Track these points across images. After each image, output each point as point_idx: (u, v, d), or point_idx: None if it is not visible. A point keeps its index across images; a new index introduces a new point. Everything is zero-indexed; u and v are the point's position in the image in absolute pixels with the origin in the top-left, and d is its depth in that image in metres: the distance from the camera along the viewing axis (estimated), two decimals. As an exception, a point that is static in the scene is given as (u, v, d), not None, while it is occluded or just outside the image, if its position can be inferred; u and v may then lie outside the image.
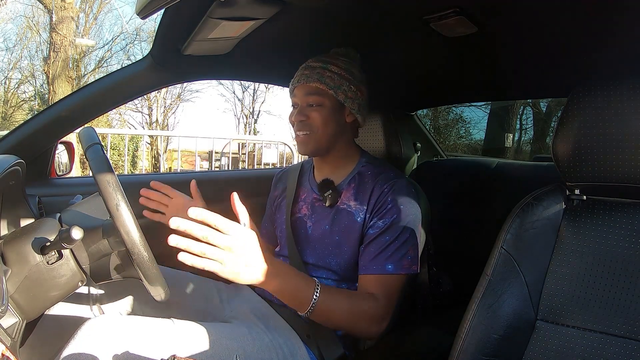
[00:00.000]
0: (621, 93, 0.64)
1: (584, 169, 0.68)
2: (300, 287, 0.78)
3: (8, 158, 0.80)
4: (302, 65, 0.99)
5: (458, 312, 0.76)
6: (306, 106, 0.97)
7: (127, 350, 0.68)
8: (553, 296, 0.69)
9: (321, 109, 0.96)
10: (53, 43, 7.11)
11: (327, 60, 0.97)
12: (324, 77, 0.95)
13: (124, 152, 5.26)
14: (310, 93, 0.96)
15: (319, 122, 0.95)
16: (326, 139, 0.97)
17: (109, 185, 0.63)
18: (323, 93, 0.95)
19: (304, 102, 0.97)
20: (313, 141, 0.97)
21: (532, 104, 3.57)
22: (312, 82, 0.95)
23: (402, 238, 0.89)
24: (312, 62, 0.98)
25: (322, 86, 0.94)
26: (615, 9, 0.73)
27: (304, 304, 0.78)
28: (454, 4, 0.78)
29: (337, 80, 0.95)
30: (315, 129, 0.96)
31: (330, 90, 0.94)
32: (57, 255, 0.70)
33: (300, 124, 0.97)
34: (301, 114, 0.97)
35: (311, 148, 0.98)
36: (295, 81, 0.99)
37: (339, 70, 0.96)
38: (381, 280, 0.88)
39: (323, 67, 0.96)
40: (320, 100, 0.95)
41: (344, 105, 0.97)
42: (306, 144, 0.97)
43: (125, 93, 1.19)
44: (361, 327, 0.85)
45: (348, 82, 0.96)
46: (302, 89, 0.97)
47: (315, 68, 0.96)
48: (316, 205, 1.01)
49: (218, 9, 0.80)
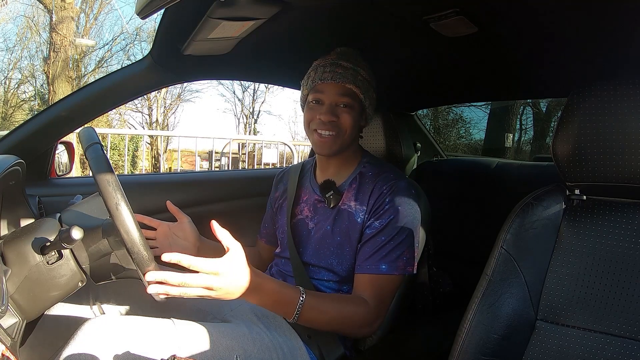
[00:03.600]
0: (621, 93, 0.64)
1: (584, 169, 0.68)
2: (283, 299, 0.79)
3: (8, 158, 0.80)
4: (329, 62, 0.95)
5: (458, 312, 0.76)
6: (335, 106, 0.94)
7: (128, 350, 0.68)
8: (553, 296, 0.69)
9: (351, 111, 0.94)
10: (53, 43, 7.11)
11: (355, 61, 0.96)
12: (357, 80, 0.94)
13: (124, 152, 5.26)
14: (343, 93, 0.93)
15: (348, 124, 0.94)
16: (349, 141, 0.97)
17: (109, 185, 0.63)
18: (355, 96, 0.94)
19: (334, 100, 0.94)
20: (339, 143, 0.95)
21: (532, 104, 3.57)
22: (348, 84, 0.93)
23: (398, 239, 0.89)
24: (341, 60, 0.95)
25: (356, 89, 0.93)
26: (615, 9, 0.73)
27: (290, 312, 0.80)
28: (454, 4, 0.78)
29: (366, 86, 0.96)
30: (343, 130, 0.94)
31: (361, 95, 0.94)
32: (57, 255, 0.70)
33: (329, 124, 0.93)
34: (332, 113, 0.93)
35: (335, 149, 0.95)
36: (325, 77, 0.93)
37: (366, 75, 0.96)
38: (374, 280, 0.88)
39: (355, 70, 0.94)
40: (352, 103, 0.94)
41: (367, 110, 0.98)
42: (331, 145, 0.94)
43: (125, 93, 1.19)
44: (351, 330, 0.87)
45: (372, 89, 0.98)
46: (334, 88, 0.93)
47: (347, 69, 0.94)
48: (318, 206, 1.01)
49: (218, 9, 0.80)
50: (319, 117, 0.94)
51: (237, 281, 0.70)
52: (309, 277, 0.97)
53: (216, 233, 0.70)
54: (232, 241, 0.70)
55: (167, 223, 1.01)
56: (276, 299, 0.78)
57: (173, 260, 0.65)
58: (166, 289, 0.65)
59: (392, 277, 0.89)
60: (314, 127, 0.95)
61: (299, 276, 0.97)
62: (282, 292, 0.79)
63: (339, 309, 0.84)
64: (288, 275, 1.01)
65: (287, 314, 0.80)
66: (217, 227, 0.70)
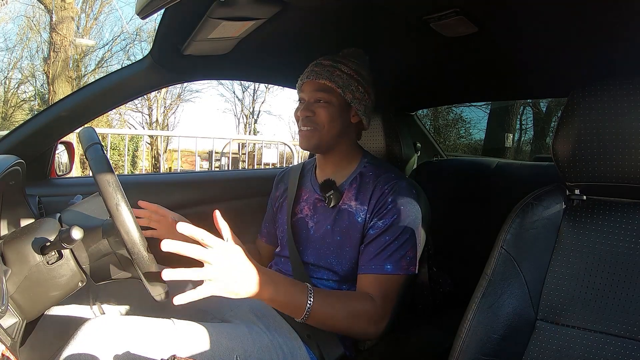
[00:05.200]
0: (621, 93, 0.64)
1: (584, 169, 0.68)
2: (294, 294, 0.77)
3: (8, 158, 0.80)
4: (313, 62, 0.99)
5: (458, 312, 0.76)
6: (313, 102, 0.97)
7: (128, 350, 0.68)
8: (553, 296, 0.69)
9: (328, 106, 0.96)
10: (53, 43, 7.11)
11: (337, 59, 0.98)
12: (334, 75, 0.95)
13: (124, 152, 5.26)
14: (318, 89, 0.96)
15: (324, 118, 0.96)
16: (330, 136, 0.97)
17: (109, 185, 0.63)
18: (331, 91, 0.96)
19: (311, 97, 0.97)
20: (316, 137, 0.97)
21: (532, 104, 3.57)
22: (322, 79, 0.95)
23: (402, 239, 0.89)
24: (323, 59, 0.98)
25: (331, 84, 0.95)
26: (615, 10, 0.73)
27: (299, 310, 0.78)
28: (454, 4, 0.78)
29: (346, 80, 0.96)
30: (320, 125, 0.96)
31: (338, 89, 0.95)
32: (57, 255, 0.70)
33: (305, 119, 0.97)
34: (307, 109, 0.97)
35: (313, 143, 0.97)
36: (304, 77, 0.99)
37: (348, 70, 0.96)
38: (379, 280, 0.88)
39: (333, 66, 0.96)
40: (328, 98, 0.96)
41: (351, 105, 0.98)
42: (309, 138, 0.97)
43: (125, 93, 1.19)
44: (359, 328, 0.85)
45: (357, 83, 0.97)
46: (310, 85, 0.97)
47: (325, 66, 0.97)
48: (318, 205, 1.01)
49: (218, 9, 0.80)
50: (299, 114, 0.99)
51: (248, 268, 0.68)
52: (308, 276, 0.97)
53: (218, 223, 0.68)
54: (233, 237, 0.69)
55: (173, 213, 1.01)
56: (285, 294, 0.76)
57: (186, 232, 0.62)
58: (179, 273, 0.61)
59: (396, 277, 0.89)
60: (298, 125, 1.00)
61: (299, 275, 0.97)
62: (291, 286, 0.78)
63: (347, 304, 0.83)
64: (287, 274, 1.00)
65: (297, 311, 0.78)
66: (220, 218, 0.68)
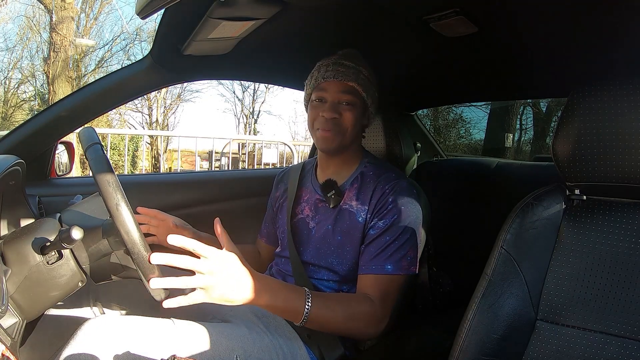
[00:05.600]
0: (621, 93, 0.64)
1: (583, 169, 0.68)
2: (291, 299, 0.77)
3: (8, 158, 0.80)
4: (332, 61, 0.96)
5: (458, 312, 0.76)
6: (338, 103, 0.95)
7: (128, 350, 0.68)
8: (553, 296, 0.69)
9: (353, 109, 0.95)
10: (53, 43, 7.11)
11: (357, 62, 0.97)
12: (359, 78, 0.95)
13: (124, 152, 5.26)
14: (346, 91, 0.94)
15: (350, 121, 0.95)
16: (350, 139, 0.97)
17: (109, 185, 0.63)
18: (357, 94, 0.95)
19: (336, 98, 0.95)
20: (339, 140, 0.95)
21: (532, 104, 3.57)
22: (350, 81, 0.94)
23: (402, 239, 0.89)
24: (343, 59, 0.96)
25: (358, 87, 0.94)
26: (615, 9, 0.73)
27: (297, 315, 0.78)
28: (454, 4, 0.78)
29: (368, 84, 0.96)
30: (344, 128, 0.95)
31: (363, 93, 0.95)
32: (57, 255, 0.70)
33: (331, 121, 0.94)
34: (334, 110, 0.94)
35: (335, 146, 0.96)
36: (327, 75, 0.95)
37: (368, 74, 0.97)
38: (380, 280, 0.88)
39: (356, 68, 0.95)
40: (354, 100, 0.95)
41: (368, 108, 0.98)
42: (331, 141, 0.95)
43: (125, 93, 1.19)
44: (358, 330, 0.85)
45: (374, 88, 0.98)
46: (336, 86, 0.95)
47: (349, 67, 0.95)
48: (319, 206, 1.01)
49: (218, 9, 0.80)
50: (322, 115, 0.95)
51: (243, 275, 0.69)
52: (308, 276, 0.97)
53: (217, 230, 0.69)
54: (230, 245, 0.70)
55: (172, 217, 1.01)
56: (283, 300, 0.76)
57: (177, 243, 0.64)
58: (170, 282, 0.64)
59: (397, 277, 0.89)
60: (317, 126, 0.96)
61: (298, 275, 0.97)
62: (289, 293, 0.78)
63: (346, 310, 0.83)
64: (288, 274, 1.01)
65: (295, 316, 0.78)
66: (220, 227, 0.69)
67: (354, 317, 0.83)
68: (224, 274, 0.67)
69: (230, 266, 0.68)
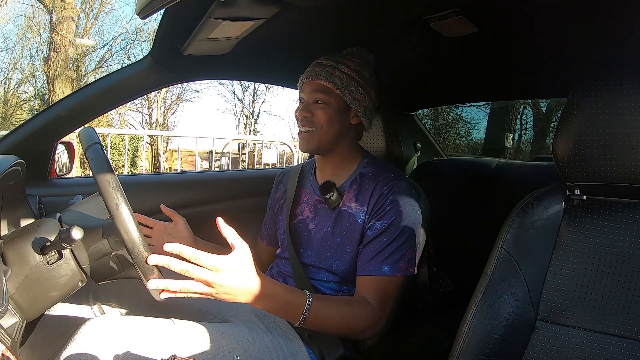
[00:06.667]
0: (621, 93, 0.64)
1: (583, 169, 0.68)
2: (289, 303, 0.77)
3: (8, 158, 0.80)
4: (314, 62, 0.99)
5: (458, 312, 0.76)
6: (312, 103, 0.96)
7: (128, 350, 0.68)
8: (553, 296, 0.69)
9: (326, 108, 0.95)
10: (53, 43, 7.11)
11: (338, 59, 0.97)
12: (333, 76, 0.94)
13: (124, 152, 5.26)
14: (317, 90, 0.95)
15: (323, 120, 0.95)
16: (328, 138, 0.96)
17: (109, 185, 0.63)
18: (330, 92, 0.95)
19: (310, 98, 0.97)
20: (315, 139, 0.96)
21: (532, 104, 3.58)
22: (320, 80, 0.94)
23: (400, 240, 0.89)
24: (324, 59, 0.98)
25: (329, 85, 0.94)
26: (615, 9, 0.73)
27: (296, 317, 0.78)
28: (454, 4, 0.78)
29: (346, 81, 0.95)
30: (318, 126, 0.95)
31: (337, 90, 0.94)
32: (57, 255, 0.70)
33: (304, 120, 0.96)
34: (306, 110, 0.96)
35: (312, 146, 0.97)
36: (304, 77, 0.98)
37: (348, 71, 0.95)
38: (377, 281, 0.88)
39: (333, 66, 0.95)
40: (327, 99, 0.95)
41: (350, 106, 0.97)
42: (308, 141, 0.97)
43: (125, 93, 1.19)
44: (356, 332, 0.85)
45: (356, 84, 0.96)
46: (309, 85, 0.96)
47: (325, 66, 0.96)
48: (319, 207, 1.01)
49: (218, 9, 0.80)
50: (297, 114, 0.98)
51: (240, 282, 0.69)
52: (308, 277, 0.97)
53: (221, 230, 0.68)
54: (238, 240, 0.69)
55: (163, 223, 1.00)
56: (282, 304, 0.76)
57: (175, 250, 0.63)
58: (166, 283, 0.63)
59: (394, 279, 0.89)
60: (298, 125, 0.99)
61: (298, 277, 0.97)
62: (289, 296, 0.77)
63: (343, 312, 0.83)
64: (288, 275, 1.00)
65: (293, 318, 0.78)
66: (223, 224, 0.68)
67: (352, 319, 0.83)
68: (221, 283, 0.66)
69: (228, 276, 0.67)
